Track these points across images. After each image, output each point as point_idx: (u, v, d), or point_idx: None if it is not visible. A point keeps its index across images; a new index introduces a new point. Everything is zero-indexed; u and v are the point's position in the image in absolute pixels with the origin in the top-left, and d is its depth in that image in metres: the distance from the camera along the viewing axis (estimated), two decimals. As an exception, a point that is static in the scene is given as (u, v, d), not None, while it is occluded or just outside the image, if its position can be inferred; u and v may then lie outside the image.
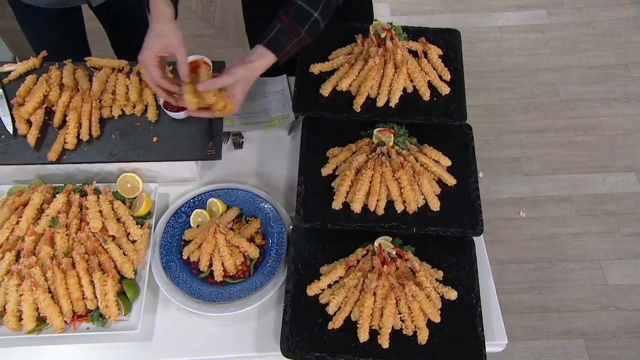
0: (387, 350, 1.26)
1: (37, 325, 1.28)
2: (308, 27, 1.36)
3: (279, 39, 1.33)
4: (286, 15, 1.34)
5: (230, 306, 1.33)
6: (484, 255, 1.47)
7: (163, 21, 1.28)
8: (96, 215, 1.37)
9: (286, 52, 1.35)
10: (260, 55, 1.32)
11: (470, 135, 1.55)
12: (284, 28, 1.34)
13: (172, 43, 1.26)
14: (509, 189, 2.88)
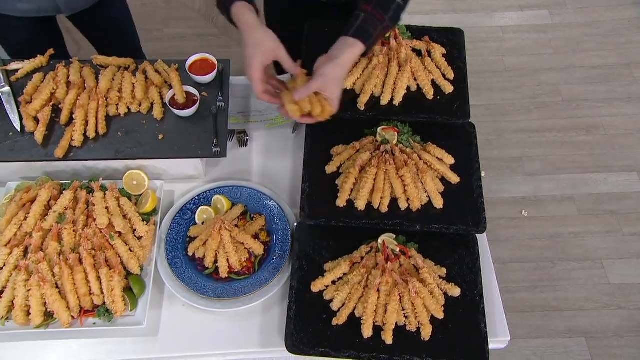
0: (390, 346, 1.27)
1: (44, 320, 1.29)
2: (392, 13, 1.35)
3: (366, 27, 1.31)
4: (368, 4, 1.33)
5: (236, 302, 1.35)
6: (486, 253, 1.48)
7: (253, 30, 1.30)
8: (103, 211, 1.38)
9: (373, 41, 1.34)
10: (347, 46, 1.31)
11: (473, 134, 1.56)
12: (369, 16, 1.32)
13: (271, 47, 1.28)
14: (511, 189, 2.89)
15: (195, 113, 1.54)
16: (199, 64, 1.61)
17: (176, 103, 1.53)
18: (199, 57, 1.61)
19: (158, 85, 1.57)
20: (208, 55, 1.62)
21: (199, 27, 3.61)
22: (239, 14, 1.33)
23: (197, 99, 1.54)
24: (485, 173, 2.93)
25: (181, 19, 3.64)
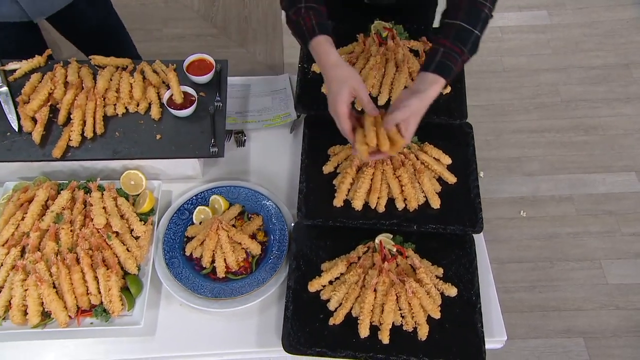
0: (387, 346, 1.27)
1: (41, 320, 1.29)
2: (470, 45, 1.34)
3: (445, 62, 1.31)
4: (447, 38, 1.33)
5: (233, 302, 1.35)
6: (483, 253, 1.48)
7: (338, 67, 1.31)
8: (100, 211, 1.38)
9: (453, 74, 1.34)
10: (430, 83, 1.30)
11: (470, 134, 1.56)
12: (448, 51, 1.32)
13: (354, 86, 1.28)
14: (510, 189, 2.89)
15: (192, 113, 1.55)
16: (197, 64, 1.61)
17: (174, 103, 1.53)
18: (196, 58, 1.61)
19: (156, 86, 1.58)
20: (206, 55, 1.62)
21: (198, 27, 3.62)
22: (321, 50, 1.33)
23: (194, 99, 1.54)
24: (484, 173, 2.94)
25: (180, 19, 3.64)
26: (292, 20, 1.38)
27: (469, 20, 1.35)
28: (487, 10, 1.36)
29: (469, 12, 1.35)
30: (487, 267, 1.46)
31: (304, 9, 1.35)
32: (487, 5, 1.36)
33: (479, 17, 1.35)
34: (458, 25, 1.34)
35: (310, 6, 1.36)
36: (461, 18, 1.35)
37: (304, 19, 1.35)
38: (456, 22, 1.34)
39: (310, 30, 1.34)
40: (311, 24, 1.35)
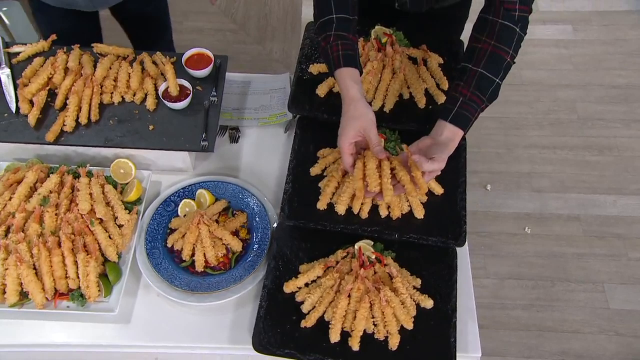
0: (356, 353, 1.26)
1: (19, 300, 1.32)
2: (490, 93, 1.35)
3: (464, 114, 1.33)
4: (467, 87, 1.33)
5: (209, 296, 1.36)
6: (466, 267, 1.46)
7: (355, 102, 1.32)
8: (86, 197, 1.40)
9: (471, 124, 1.36)
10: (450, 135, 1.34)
11: (463, 146, 1.54)
12: (467, 101, 1.33)
13: (364, 126, 1.30)
14: (516, 204, 2.85)
15: (188, 107, 1.56)
16: (196, 58, 1.62)
17: (169, 95, 1.55)
18: (195, 52, 1.63)
19: (153, 77, 1.59)
20: (205, 50, 1.63)
21: (218, 22, 3.65)
22: (342, 83, 1.35)
23: (189, 92, 1.55)
24: (491, 187, 2.90)
25: (201, 12, 3.68)
26: (321, 46, 1.40)
27: (491, 68, 1.34)
28: (510, 58, 1.36)
29: (491, 59, 1.34)
30: (469, 282, 1.45)
31: (333, 37, 1.37)
32: (510, 53, 1.35)
33: (501, 64, 1.35)
34: (479, 73, 1.34)
35: (340, 35, 1.37)
36: (483, 65, 1.34)
37: (332, 47, 1.37)
38: (477, 70, 1.34)
39: (336, 60, 1.36)
40: (337, 54, 1.36)
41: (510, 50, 1.35)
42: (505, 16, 1.33)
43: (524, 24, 1.36)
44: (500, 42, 1.34)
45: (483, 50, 1.35)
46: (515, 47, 1.36)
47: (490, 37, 1.34)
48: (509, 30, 1.34)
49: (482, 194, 2.88)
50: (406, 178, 1.32)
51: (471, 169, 2.92)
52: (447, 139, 1.35)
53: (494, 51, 1.34)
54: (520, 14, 1.33)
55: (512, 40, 1.35)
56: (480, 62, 1.34)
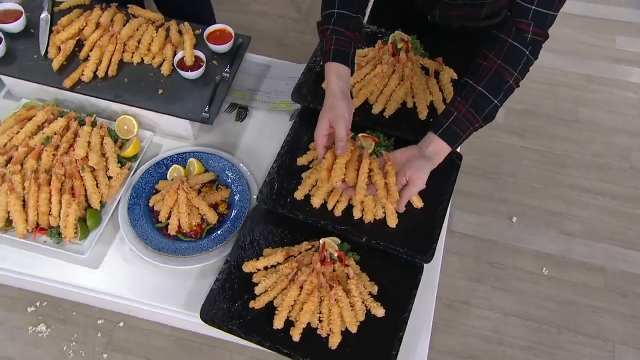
0: (295, 344, 1.29)
1: (4, 225, 1.43)
2: (486, 114, 1.33)
3: (454, 130, 1.33)
4: (463, 104, 1.33)
5: (174, 260, 1.42)
6: (432, 286, 1.45)
7: (331, 96, 1.36)
8: (83, 144, 1.50)
9: (460, 142, 1.36)
10: (437, 153, 1.35)
11: (456, 165, 1.53)
12: (461, 117, 1.33)
13: (333, 118, 1.33)
14: (540, 242, 2.75)
15: (199, 78, 1.63)
16: (218, 34, 1.69)
17: (184, 64, 1.62)
18: (218, 27, 1.69)
19: (175, 45, 1.67)
20: (228, 27, 1.69)
21: (284, 9, 3.72)
22: (329, 76, 1.38)
23: (203, 64, 1.62)
24: (517, 220, 2.81)
25: (270, -3, 3.77)
26: (319, 36, 1.44)
27: (491, 89, 1.32)
28: (513, 81, 1.33)
29: (494, 79, 1.32)
30: (431, 301, 1.43)
31: (330, 31, 1.41)
32: (515, 75, 1.32)
33: (502, 86, 1.32)
34: (478, 91, 1.32)
35: (336, 30, 1.40)
36: (484, 84, 1.32)
37: (327, 40, 1.41)
38: (477, 88, 1.32)
39: (327, 53, 1.40)
40: (330, 48, 1.39)
41: (515, 72, 1.31)
42: (516, 37, 1.30)
43: (536, 48, 1.32)
44: (506, 62, 1.31)
45: (487, 69, 1.32)
46: (522, 70, 1.32)
47: (497, 55, 1.32)
48: (517, 51, 1.30)
49: (506, 225, 2.80)
50: (380, 183, 1.32)
51: (500, 197, 2.86)
52: (433, 153, 1.35)
53: (497, 71, 1.31)
54: (533, 37, 1.30)
55: (518, 63, 1.31)
56: (482, 80, 1.33)
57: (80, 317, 2.47)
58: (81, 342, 2.43)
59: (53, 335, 2.45)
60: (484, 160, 3.02)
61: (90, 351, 2.40)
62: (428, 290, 1.44)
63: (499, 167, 2.99)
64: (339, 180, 1.34)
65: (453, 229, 2.76)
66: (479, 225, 2.79)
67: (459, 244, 2.72)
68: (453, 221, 2.78)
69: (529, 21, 1.27)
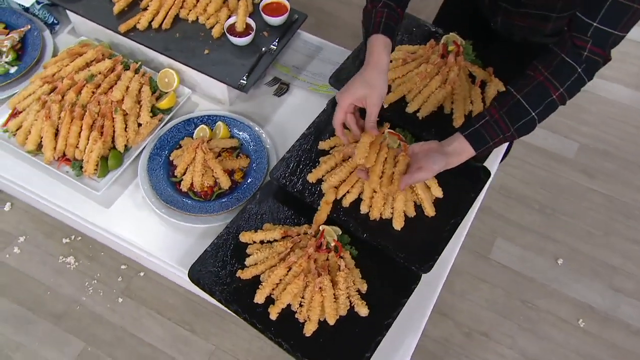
0: (271, 322, 1.30)
1: (35, 149, 1.54)
2: (520, 125, 1.28)
3: (483, 134, 1.29)
4: (498, 109, 1.29)
5: (178, 215, 1.47)
6: (429, 300, 1.42)
7: (373, 69, 1.33)
8: (122, 88, 1.58)
9: (487, 149, 1.32)
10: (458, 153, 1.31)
11: (483, 181, 1.48)
12: (492, 122, 1.29)
13: (372, 98, 1.32)
14: (582, 291, 2.61)
15: (246, 46, 1.67)
16: (274, 6, 1.72)
17: (234, 30, 1.67)
18: (276, 0, 1.73)
19: (231, 10, 1.73)
20: (285, 1, 1.72)
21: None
22: (374, 48, 1.36)
23: (251, 33, 1.66)
24: (564, 262, 2.68)
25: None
26: (367, 8, 1.43)
27: (531, 99, 1.27)
28: (557, 96, 1.26)
29: (536, 89, 1.27)
30: (424, 314, 1.41)
31: (382, 4, 1.40)
32: (560, 91, 1.26)
33: (544, 99, 1.27)
34: (517, 100, 1.28)
35: (388, 4, 1.40)
36: (525, 93, 1.28)
37: (377, 12, 1.40)
38: (516, 96, 1.28)
39: (377, 26, 1.39)
40: (380, 20, 1.39)
41: (561, 88, 1.25)
42: (570, 52, 1.24)
43: (592, 67, 1.24)
44: (554, 76, 1.25)
45: (532, 79, 1.27)
46: (570, 87, 1.25)
47: (546, 68, 1.26)
48: (568, 67, 1.24)
49: (550, 265, 2.68)
50: (388, 172, 1.32)
51: (551, 235, 2.74)
52: (454, 151, 1.31)
53: (543, 83, 1.26)
54: (589, 55, 1.22)
55: (567, 79, 1.24)
56: (524, 89, 1.27)
57: (106, 258, 2.61)
58: (102, 281, 2.57)
59: (79, 269, 2.61)
60: (543, 194, 2.89)
61: (108, 292, 2.54)
62: (423, 303, 1.42)
63: (557, 204, 2.86)
64: (363, 157, 1.34)
65: (491, 257, 2.68)
66: (520, 259, 2.68)
67: (494, 274, 2.63)
68: (493, 249, 2.70)
69: (588, 38, 1.21)
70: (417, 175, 1.30)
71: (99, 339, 2.43)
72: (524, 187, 2.91)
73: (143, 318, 2.49)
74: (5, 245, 2.67)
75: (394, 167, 1.37)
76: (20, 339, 2.42)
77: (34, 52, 1.72)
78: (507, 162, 2.93)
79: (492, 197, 2.85)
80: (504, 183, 2.91)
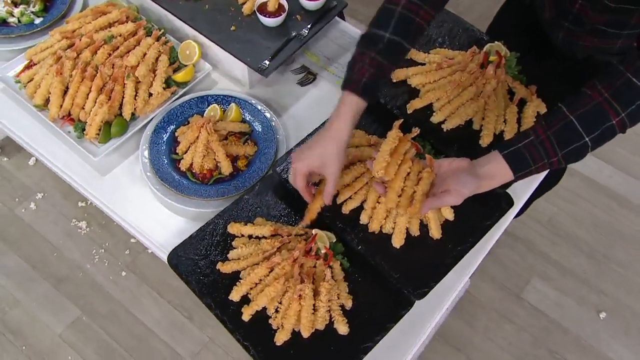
0: (243, 324, 1.28)
1: (42, 104, 1.58)
2: (570, 150, 1.17)
3: (525, 156, 1.18)
4: (545, 129, 1.18)
5: (172, 195, 1.47)
6: (422, 328, 1.36)
7: (335, 145, 1.27)
8: (139, 54, 1.60)
9: (527, 173, 1.21)
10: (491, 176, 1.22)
11: (504, 209, 1.41)
12: (537, 143, 1.18)
13: (329, 169, 1.27)
14: (623, 353, 2.45)
15: (276, 27, 1.66)
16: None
17: (265, 9, 1.66)
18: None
19: (265, -13, 1.72)
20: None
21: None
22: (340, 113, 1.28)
23: (283, 14, 1.64)
24: (606, 317, 2.53)
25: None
26: (354, 58, 1.31)
27: (586, 122, 1.16)
28: (618, 122, 1.14)
29: (594, 111, 1.15)
30: (413, 344, 1.35)
31: (370, 60, 1.27)
32: (622, 116, 1.14)
33: (601, 123, 1.15)
34: (569, 121, 1.16)
35: (379, 62, 1.27)
36: (579, 115, 1.16)
37: (361, 68, 1.27)
38: (569, 117, 1.16)
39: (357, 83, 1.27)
40: (362, 77, 1.27)
41: (623, 113, 1.13)
42: (636, 73, 1.11)
43: None
44: (615, 98, 1.13)
45: (590, 98, 1.15)
46: (633, 113, 1.13)
47: (607, 88, 1.14)
48: (634, 89, 1.11)
49: (590, 318, 2.53)
50: (408, 190, 1.28)
51: (597, 285, 2.60)
52: (487, 174, 1.21)
53: (601, 105, 1.14)
54: None
55: (631, 103, 1.12)
56: (579, 109, 1.16)
57: (118, 229, 2.67)
58: (109, 252, 2.63)
59: (89, 235, 2.68)
60: (596, 237, 2.74)
61: (113, 263, 2.60)
62: (413, 333, 1.36)
63: (611, 251, 2.71)
64: (381, 168, 1.27)
65: (524, 297, 2.56)
66: (556, 305, 2.56)
67: (524, 316, 2.52)
68: (527, 288, 2.58)
69: None
70: (444, 199, 1.21)
71: (95, 310, 2.49)
72: (576, 226, 2.77)
73: (143, 297, 2.53)
74: (23, 200, 2.78)
75: (416, 184, 1.30)
76: (20, 296, 2.51)
77: (62, 5, 1.78)
78: (560, 194, 2.80)
79: (535, 230, 2.72)
80: (552, 217, 2.78)
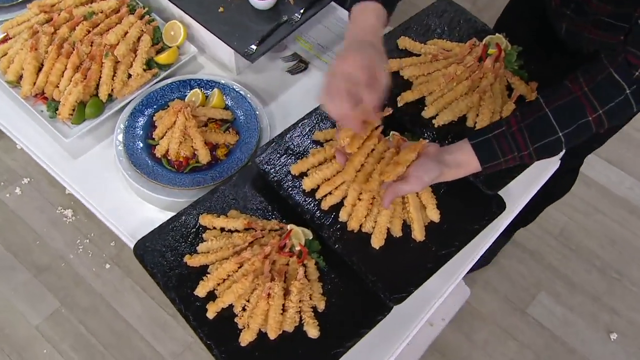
0: (207, 322, 1.26)
1: (16, 81, 1.57)
2: (542, 145, 1.16)
3: (494, 148, 1.18)
4: (518, 121, 1.17)
5: (144, 182, 1.45)
6: (398, 339, 1.33)
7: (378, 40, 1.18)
8: (119, 32, 1.58)
9: (495, 166, 1.20)
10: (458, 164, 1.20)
11: (496, 214, 1.37)
12: (508, 135, 1.17)
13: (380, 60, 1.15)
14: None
15: (266, 11, 1.64)
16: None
17: (257, -9, 1.64)
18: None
19: (257, -33, 1.70)
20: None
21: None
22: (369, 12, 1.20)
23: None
24: (617, 338, 2.47)
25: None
26: None
27: (561, 116, 1.14)
28: (594, 120, 1.12)
29: (570, 106, 1.14)
30: (386, 355, 1.32)
31: None
32: (598, 113, 1.12)
33: (576, 120, 1.14)
34: (544, 114, 1.15)
35: None
36: (554, 108, 1.15)
37: None
38: (545, 110, 1.15)
39: None
40: None
41: (600, 110, 1.11)
42: (620, 68, 1.09)
43: None
44: (594, 93, 1.11)
45: (568, 92, 1.14)
46: (611, 111, 1.11)
47: (588, 82, 1.12)
48: (614, 86, 1.10)
49: (600, 338, 2.48)
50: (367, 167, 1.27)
51: (610, 303, 2.54)
52: (453, 162, 1.20)
53: (579, 99, 1.12)
54: None
55: (610, 100, 1.11)
56: (555, 102, 1.14)
57: (104, 220, 2.67)
58: (94, 242, 2.64)
59: (74, 224, 2.69)
60: (610, 252, 2.69)
61: (97, 255, 2.60)
62: (390, 341, 1.33)
63: (626, 268, 2.65)
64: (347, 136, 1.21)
65: (529, 312, 2.51)
66: (563, 322, 2.50)
67: (528, 332, 2.47)
68: (533, 303, 2.53)
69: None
70: (401, 187, 1.19)
71: (75, 302, 2.49)
72: (589, 239, 2.71)
73: (126, 291, 2.53)
74: (8, 184, 2.79)
75: (377, 163, 1.27)
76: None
77: (43, -23, 1.77)
78: (573, 205, 2.74)
79: (545, 241, 2.67)
80: (565, 228, 2.72)
